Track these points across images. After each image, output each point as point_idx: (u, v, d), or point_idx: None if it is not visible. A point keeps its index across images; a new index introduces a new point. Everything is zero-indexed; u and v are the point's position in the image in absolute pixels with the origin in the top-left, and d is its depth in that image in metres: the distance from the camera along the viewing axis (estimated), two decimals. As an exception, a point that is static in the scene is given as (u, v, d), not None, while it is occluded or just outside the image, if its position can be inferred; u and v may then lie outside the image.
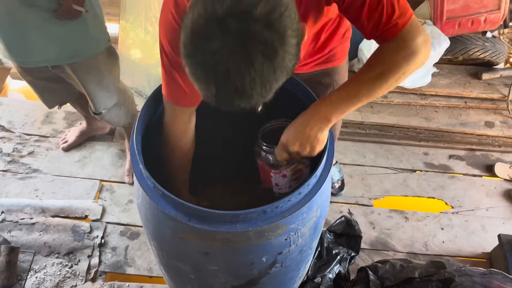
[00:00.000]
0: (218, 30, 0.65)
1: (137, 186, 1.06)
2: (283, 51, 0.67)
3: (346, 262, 1.73)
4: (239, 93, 0.70)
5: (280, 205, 0.93)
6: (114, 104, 1.79)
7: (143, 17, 2.29)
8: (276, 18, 0.65)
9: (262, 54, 0.66)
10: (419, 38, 0.89)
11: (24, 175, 2.11)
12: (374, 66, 0.93)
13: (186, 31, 0.68)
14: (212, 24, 0.65)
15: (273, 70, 0.68)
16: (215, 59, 0.66)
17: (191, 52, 0.68)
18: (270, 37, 0.65)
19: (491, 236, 1.96)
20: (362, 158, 2.29)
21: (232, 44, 0.65)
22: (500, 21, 2.36)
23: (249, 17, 0.64)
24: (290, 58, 0.69)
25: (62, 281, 1.76)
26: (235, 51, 0.65)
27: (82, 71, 1.61)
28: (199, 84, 0.72)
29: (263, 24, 0.64)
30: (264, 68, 0.67)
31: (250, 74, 0.67)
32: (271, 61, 0.67)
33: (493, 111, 2.46)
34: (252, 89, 0.69)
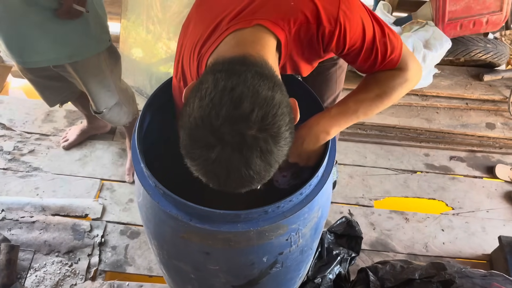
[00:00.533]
0: (216, 140, 0.68)
1: (138, 185, 1.05)
2: (277, 148, 0.71)
3: (347, 262, 1.73)
4: (240, 186, 0.75)
5: (281, 205, 0.93)
6: (115, 103, 1.79)
7: (144, 16, 2.29)
8: (270, 121, 0.69)
9: (259, 158, 0.70)
10: (412, 66, 1.00)
11: (24, 174, 2.11)
12: (372, 88, 1.01)
13: (184, 134, 0.72)
14: (208, 135, 0.68)
15: (269, 166, 0.73)
16: (215, 165, 0.70)
17: (192, 156, 0.72)
18: (265, 141, 0.69)
19: (492, 237, 1.96)
20: (363, 158, 2.29)
21: (230, 153, 0.69)
22: (502, 22, 2.36)
23: (245, 125, 0.68)
24: (284, 149, 0.73)
25: (62, 279, 1.76)
26: (233, 158, 0.69)
27: (83, 70, 1.61)
28: (202, 178, 0.76)
29: (258, 129, 0.68)
30: (261, 168, 0.72)
31: (249, 175, 0.72)
32: (268, 161, 0.71)
33: (494, 112, 2.45)
34: (251, 183, 0.74)
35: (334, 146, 1.08)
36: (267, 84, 0.71)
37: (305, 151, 1.03)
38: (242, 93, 0.68)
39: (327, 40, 0.91)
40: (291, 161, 1.06)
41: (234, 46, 0.85)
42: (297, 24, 0.88)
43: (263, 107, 0.68)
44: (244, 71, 0.72)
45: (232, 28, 0.88)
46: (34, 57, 1.53)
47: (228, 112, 0.67)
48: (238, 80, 0.70)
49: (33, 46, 1.49)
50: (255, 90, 0.69)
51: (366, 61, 0.98)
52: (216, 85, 0.70)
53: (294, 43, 0.92)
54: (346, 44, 0.93)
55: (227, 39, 0.87)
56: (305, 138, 1.01)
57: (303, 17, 0.88)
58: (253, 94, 0.69)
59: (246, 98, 0.68)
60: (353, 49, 0.95)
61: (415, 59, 1.01)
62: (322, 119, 1.01)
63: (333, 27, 0.89)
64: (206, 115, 0.68)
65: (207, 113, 0.68)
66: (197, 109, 0.70)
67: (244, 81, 0.70)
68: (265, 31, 0.87)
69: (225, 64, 0.75)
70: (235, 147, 0.68)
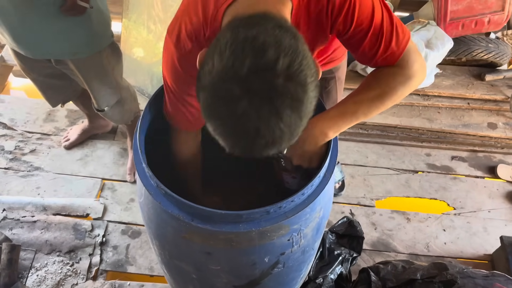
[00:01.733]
0: (243, 91, 0.64)
1: (140, 185, 1.05)
2: (307, 99, 0.67)
3: (348, 263, 1.73)
4: (270, 146, 0.69)
5: (283, 206, 0.93)
6: (116, 101, 1.79)
7: (145, 15, 2.29)
8: (297, 69, 0.65)
9: (290, 107, 0.65)
10: (415, 64, 0.95)
11: (25, 173, 2.11)
12: (373, 87, 0.98)
13: (207, 93, 0.67)
14: (235, 86, 0.64)
15: (300, 119, 0.68)
16: (244, 120, 0.65)
17: (217, 115, 0.67)
18: (294, 90, 0.65)
19: (493, 238, 1.96)
20: (364, 158, 2.29)
21: (259, 104, 0.64)
22: (504, 22, 2.36)
23: (272, 73, 0.63)
24: (312, 102, 0.70)
25: (63, 279, 1.76)
26: (263, 110, 0.65)
27: (85, 67, 1.61)
28: (226, 141, 0.71)
29: (285, 78, 0.64)
30: (292, 120, 0.67)
31: (280, 128, 0.67)
32: (298, 112, 0.67)
33: (496, 112, 2.45)
34: (281, 140, 0.69)
35: (336, 147, 1.07)
36: (289, 35, 0.67)
37: (306, 153, 1.03)
38: (265, 41, 0.64)
39: (336, 13, 0.88)
40: (295, 163, 1.05)
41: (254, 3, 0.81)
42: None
43: (288, 54, 0.64)
44: (264, 23, 0.68)
45: None
46: (39, 49, 1.53)
47: (253, 61, 0.63)
48: (259, 30, 0.66)
49: (38, 40, 1.49)
50: (278, 38, 0.65)
51: (370, 47, 0.93)
52: (237, 37, 0.66)
53: (303, 12, 0.89)
54: (354, 21, 0.89)
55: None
56: (304, 140, 1.00)
57: None
58: (277, 42, 0.65)
59: (269, 46, 0.64)
60: (360, 29, 0.91)
61: (419, 57, 0.97)
62: (321, 120, 1.00)
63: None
64: (229, 67, 0.64)
65: (231, 65, 0.64)
66: (218, 63, 0.65)
67: (265, 31, 0.66)
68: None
69: (244, 18, 0.71)
70: (264, 97, 0.64)
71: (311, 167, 1.06)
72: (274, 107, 0.65)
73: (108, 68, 1.67)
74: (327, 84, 1.42)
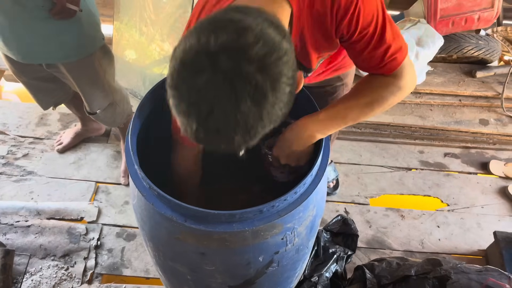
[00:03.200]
0: (208, 64, 0.61)
1: (133, 187, 1.05)
2: (273, 97, 0.64)
3: (343, 261, 1.73)
4: (220, 134, 0.66)
5: (276, 205, 0.93)
6: (109, 104, 1.79)
7: (137, 18, 2.29)
8: (272, 62, 0.62)
9: (251, 97, 0.62)
10: (408, 77, 0.96)
11: (19, 178, 2.10)
12: (364, 94, 0.99)
13: (175, 60, 0.65)
14: (202, 57, 0.61)
15: (259, 116, 0.64)
16: (200, 95, 0.62)
17: (177, 83, 0.64)
18: (262, 81, 0.61)
19: (487, 233, 1.97)
20: (358, 157, 2.30)
21: (220, 82, 0.61)
22: (493, 19, 2.38)
23: (243, 56, 0.61)
24: (280, 106, 0.66)
25: (58, 283, 1.75)
26: (222, 90, 0.61)
27: (77, 71, 1.61)
28: (180, 118, 0.67)
29: (257, 66, 0.61)
30: (250, 112, 0.63)
31: (235, 116, 0.63)
32: (259, 106, 0.63)
33: (488, 109, 2.47)
34: (234, 132, 0.65)
35: (328, 145, 1.08)
36: (277, 32, 0.65)
37: (294, 153, 1.04)
38: (249, 26, 0.62)
39: (341, 15, 0.87)
40: (283, 162, 1.07)
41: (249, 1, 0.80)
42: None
43: (268, 45, 0.62)
44: (256, 13, 0.66)
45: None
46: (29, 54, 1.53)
47: (229, 38, 0.60)
48: (248, 16, 0.64)
49: (29, 45, 1.49)
50: (264, 29, 0.63)
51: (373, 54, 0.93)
52: (224, 15, 0.64)
53: (306, 16, 0.88)
54: (359, 25, 0.88)
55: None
56: (292, 141, 1.01)
57: None
58: (261, 30, 0.62)
59: (251, 31, 0.61)
60: (364, 33, 0.90)
61: (413, 70, 0.98)
62: (310, 122, 1.01)
63: (349, 1, 0.85)
64: (204, 38, 0.61)
65: (206, 37, 0.61)
66: (196, 33, 0.63)
67: (254, 19, 0.64)
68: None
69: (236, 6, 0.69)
70: (227, 76, 0.60)
71: (300, 165, 1.08)
72: (234, 91, 0.61)
73: (99, 71, 1.67)
74: (334, 90, 1.40)
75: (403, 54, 0.95)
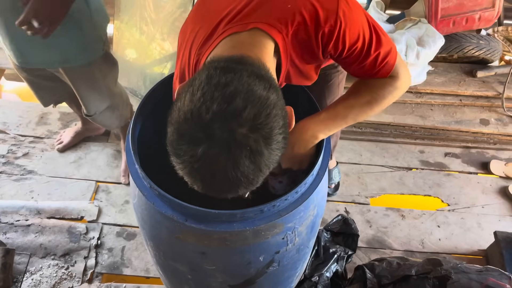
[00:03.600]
0: (204, 136, 0.65)
1: (133, 186, 1.05)
2: (269, 151, 0.68)
3: (343, 260, 1.73)
4: (226, 190, 0.72)
5: (277, 204, 0.93)
6: (106, 107, 1.78)
7: (138, 17, 2.28)
8: (263, 121, 0.66)
9: (248, 158, 0.67)
10: (403, 76, 1.00)
11: (19, 177, 2.10)
12: (363, 94, 1.01)
13: (172, 129, 0.69)
14: (197, 130, 0.65)
15: (259, 170, 0.69)
16: (201, 163, 0.67)
17: (178, 153, 0.69)
18: (255, 141, 0.66)
19: (487, 233, 1.97)
20: (358, 156, 2.29)
21: (218, 150, 0.65)
22: (494, 19, 2.37)
23: (235, 123, 0.65)
24: (276, 153, 0.70)
25: (59, 282, 1.75)
26: (221, 157, 0.66)
27: (74, 75, 1.60)
28: (187, 178, 0.72)
29: (249, 127, 0.65)
30: (249, 170, 0.68)
31: (236, 176, 0.68)
32: (257, 164, 0.68)
33: (488, 108, 2.47)
34: (238, 188, 0.71)
35: (329, 145, 1.08)
36: (262, 84, 0.69)
37: (297, 156, 1.03)
38: (236, 90, 0.66)
39: (326, 40, 0.89)
40: (284, 167, 1.06)
41: (231, 47, 0.84)
42: (294, 26, 0.86)
43: (256, 105, 0.66)
44: (240, 70, 0.69)
45: (228, 32, 0.87)
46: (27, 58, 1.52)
47: (219, 107, 0.65)
48: (233, 77, 0.67)
49: (26, 49, 1.48)
50: (250, 88, 0.67)
51: (363, 64, 0.96)
52: (210, 80, 0.68)
53: (292, 46, 0.90)
54: (346, 45, 0.91)
55: (224, 41, 0.86)
56: (295, 143, 1.01)
57: (300, 18, 0.86)
58: (247, 92, 0.66)
59: (239, 95, 0.65)
60: (352, 50, 0.93)
61: (406, 69, 1.02)
62: (312, 123, 1.01)
63: (332, 27, 0.87)
64: (196, 109, 0.65)
65: (197, 108, 0.65)
66: (187, 103, 0.67)
67: (239, 79, 0.67)
68: (262, 34, 0.85)
69: (221, 61, 0.73)
70: (223, 145, 0.65)
71: (302, 168, 1.07)
72: (232, 157, 0.66)
73: (98, 76, 1.65)
74: (329, 78, 1.44)
75: (393, 56, 0.97)
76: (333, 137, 1.84)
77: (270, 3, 0.88)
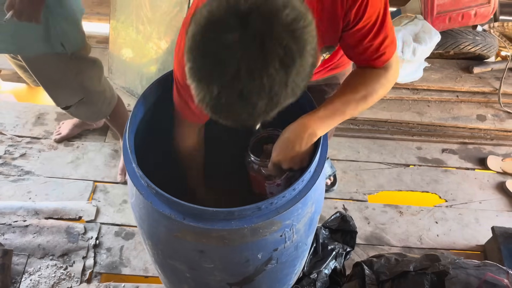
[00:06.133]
0: (239, 23, 0.59)
1: (131, 185, 1.05)
2: (300, 64, 0.63)
3: (342, 257, 1.74)
4: (244, 99, 0.64)
5: (274, 202, 0.93)
6: (80, 102, 1.73)
7: (134, 16, 2.28)
8: (300, 28, 0.62)
9: (280, 60, 0.61)
10: (395, 69, 1.03)
11: (16, 177, 2.09)
12: (359, 89, 1.02)
13: (198, 22, 0.63)
14: (232, 17, 0.60)
15: (285, 81, 0.63)
16: (228, 53, 0.61)
17: (202, 43, 0.62)
18: (291, 45, 0.61)
19: (485, 228, 1.98)
20: (356, 153, 2.30)
21: (251, 41, 0.60)
22: (490, 14, 2.38)
23: (274, 18, 0.60)
24: (303, 76, 0.66)
25: (57, 283, 1.75)
26: (252, 49, 0.60)
27: (33, 66, 1.56)
28: (200, 84, 0.65)
29: (287, 29, 0.61)
30: (277, 77, 0.62)
31: (261, 79, 0.61)
32: (286, 71, 0.62)
33: (485, 104, 2.47)
34: (258, 98, 0.64)
35: (326, 141, 1.08)
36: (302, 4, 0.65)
37: (298, 155, 1.02)
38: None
39: (350, 3, 0.90)
40: (285, 167, 1.05)
41: None
42: None
43: (295, 11, 0.61)
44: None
45: None
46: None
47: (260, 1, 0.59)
48: None
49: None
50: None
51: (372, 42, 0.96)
52: None
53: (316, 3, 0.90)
54: (366, 12, 0.91)
55: None
56: (295, 142, 1.01)
57: None
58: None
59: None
60: (368, 21, 0.93)
61: (398, 64, 1.04)
62: (310, 121, 1.01)
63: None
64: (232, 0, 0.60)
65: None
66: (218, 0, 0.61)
67: None
68: None
69: None
70: (258, 36, 0.59)
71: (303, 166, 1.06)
72: (264, 52, 0.60)
73: (67, 72, 1.61)
74: (331, 89, 1.42)
75: (394, 46, 1.00)
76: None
77: None
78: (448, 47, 2.41)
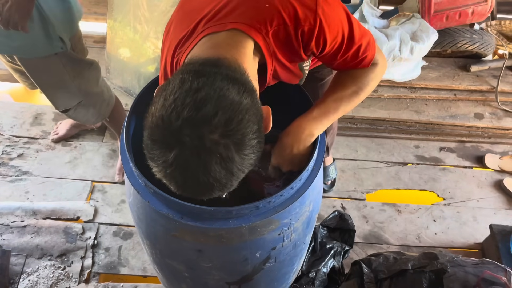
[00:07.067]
0: (174, 141, 0.65)
1: (128, 185, 1.05)
2: (241, 157, 0.68)
3: (340, 256, 1.74)
4: (200, 194, 0.72)
5: (272, 200, 0.93)
6: (79, 105, 1.74)
7: (131, 16, 2.27)
8: (234, 127, 0.66)
9: (219, 164, 0.67)
10: (381, 60, 1.04)
11: (14, 178, 2.09)
12: (349, 85, 1.03)
13: (146, 134, 0.70)
14: (168, 135, 0.66)
15: (231, 174, 0.69)
16: (173, 169, 0.68)
17: (152, 158, 0.70)
18: (226, 148, 0.66)
19: (483, 226, 1.98)
20: (354, 152, 2.30)
21: (188, 156, 0.66)
22: (487, 13, 2.38)
23: (205, 129, 0.64)
24: (250, 157, 0.70)
25: (56, 283, 1.75)
26: (191, 163, 0.66)
27: (33, 70, 1.56)
28: (164, 181, 0.73)
29: (220, 134, 0.65)
30: (221, 175, 0.68)
31: (208, 181, 0.68)
32: (228, 169, 0.68)
33: (482, 102, 2.48)
34: (211, 190, 0.71)
35: (324, 140, 1.08)
36: (236, 89, 0.68)
37: (296, 157, 1.03)
38: (207, 95, 0.66)
39: (306, 39, 0.89)
40: (285, 169, 1.05)
41: (208, 48, 0.83)
42: (274, 25, 0.86)
43: (228, 111, 0.66)
44: (214, 73, 0.69)
45: (207, 31, 0.86)
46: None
47: (190, 114, 0.64)
48: (206, 82, 0.67)
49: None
50: (222, 93, 0.66)
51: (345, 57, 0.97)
52: (182, 85, 0.67)
53: (275, 44, 0.89)
54: (327, 42, 0.90)
55: (202, 41, 0.86)
56: (293, 144, 1.01)
57: (279, 18, 0.85)
58: (219, 97, 0.66)
59: (210, 101, 0.65)
60: (333, 45, 0.93)
61: (382, 54, 1.05)
62: (306, 122, 1.01)
63: (312, 25, 0.86)
64: (167, 115, 0.66)
65: (168, 113, 0.66)
66: (160, 108, 0.67)
67: (212, 84, 0.67)
68: (240, 34, 0.84)
69: (196, 64, 0.73)
70: (193, 151, 0.65)
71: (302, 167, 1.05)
72: (202, 162, 0.66)
73: (64, 75, 1.60)
74: (323, 76, 1.44)
75: (373, 46, 1.00)
76: (330, 135, 1.85)
77: (249, 3, 0.87)
78: (445, 45, 2.41)
